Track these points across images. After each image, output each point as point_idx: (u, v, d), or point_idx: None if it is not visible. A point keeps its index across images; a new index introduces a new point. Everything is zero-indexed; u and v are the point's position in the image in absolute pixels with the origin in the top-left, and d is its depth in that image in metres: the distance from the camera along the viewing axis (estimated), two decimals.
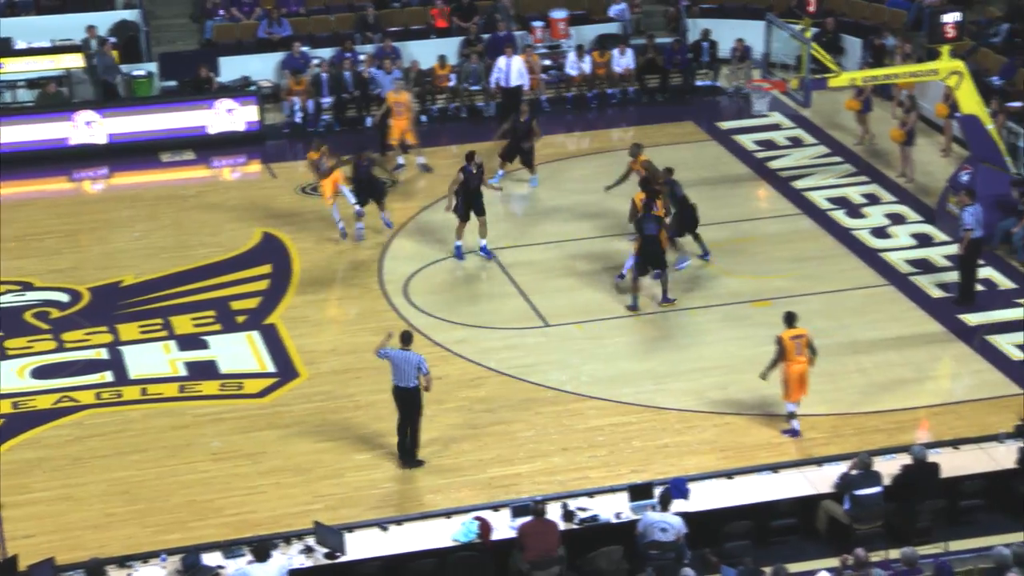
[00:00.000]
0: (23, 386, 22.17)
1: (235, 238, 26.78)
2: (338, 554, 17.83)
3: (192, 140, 30.84)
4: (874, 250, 26.04)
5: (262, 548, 17.27)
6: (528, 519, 17.86)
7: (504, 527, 18.19)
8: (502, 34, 32.97)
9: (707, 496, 18.85)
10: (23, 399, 21.86)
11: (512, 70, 31.09)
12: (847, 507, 18.52)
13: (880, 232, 26.70)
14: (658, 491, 18.42)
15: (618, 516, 18.49)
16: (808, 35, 26.82)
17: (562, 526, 18.11)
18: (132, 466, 20.29)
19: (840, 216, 27.34)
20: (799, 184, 28.68)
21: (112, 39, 32.18)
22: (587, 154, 30.52)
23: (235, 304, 24.44)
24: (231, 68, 32.32)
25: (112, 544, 18.47)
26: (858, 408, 21.42)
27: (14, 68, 31.53)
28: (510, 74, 31.09)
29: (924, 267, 25.42)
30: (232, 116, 30.99)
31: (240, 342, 23.37)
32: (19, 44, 31.89)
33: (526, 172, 28.60)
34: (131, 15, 33.31)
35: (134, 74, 31.90)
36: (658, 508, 18.05)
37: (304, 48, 32.49)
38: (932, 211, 27.16)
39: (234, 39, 33.52)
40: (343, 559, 17.82)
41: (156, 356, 22.97)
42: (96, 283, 25.20)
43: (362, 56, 32.21)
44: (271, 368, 22.68)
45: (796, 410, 20.65)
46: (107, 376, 22.45)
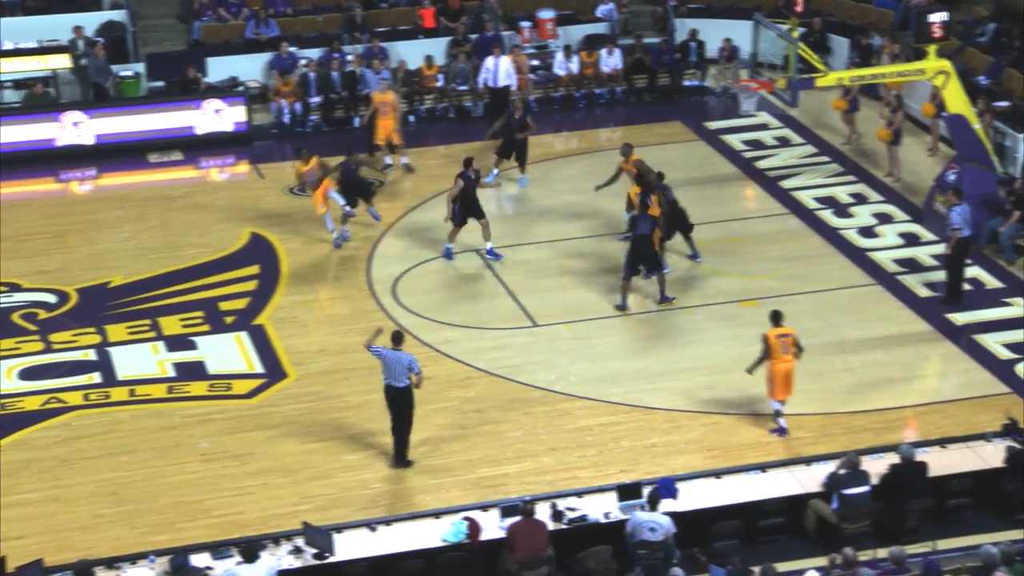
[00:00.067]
0: (11, 387, 22.12)
1: (223, 239, 26.76)
2: (327, 555, 17.83)
3: (180, 141, 30.80)
4: (861, 249, 26.09)
5: (251, 549, 17.28)
6: (517, 519, 17.88)
7: (493, 527, 18.20)
8: (490, 34, 32.97)
9: (695, 496, 18.87)
10: (11, 400, 21.82)
11: (500, 70, 31.09)
12: (835, 506, 18.55)
13: (867, 231, 26.75)
14: (647, 491, 18.44)
15: (607, 516, 18.51)
16: (795, 35, 26.87)
17: (551, 526, 18.12)
18: (120, 467, 20.27)
19: (828, 216, 27.38)
20: (787, 184, 28.72)
21: (99, 39, 32.13)
22: (575, 154, 30.53)
23: (223, 305, 24.42)
24: (219, 69, 32.28)
25: (100, 545, 18.46)
26: (846, 407, 21.46)
27: (0, 69, 31.44)
28: (498, 74, 31.09)
29: (911, 266, 25.46)
30: (220, 117, 30.96)
31: (228, 343, 23.35)
32: (5, 45, 31.78)
33: (516, 172, 28.59)
34: (118, 15, 33.23)
35: (121, 75, 31.85)
36: (647, 508, 18.07)
37: (292, 48, 32.46)
38: (919, 210, 27.22)
39: (222, 39, 33.48)
40: (332, 560, 17.81)
41: (144, 357, 22.94)
42: (84, 284, 25.16)
43: (350, 56, 32.20)
44: (259, 369, 22.67)
45: (782, 408, 20.70)
46: (95, 377, 22.42)
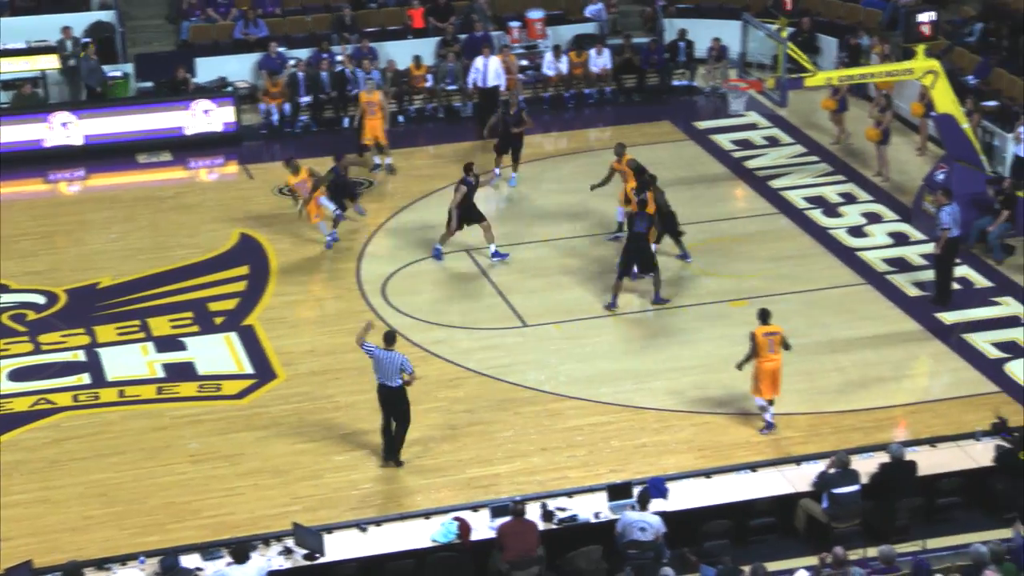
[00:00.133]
0: (0, 389, 22.07)
1: (212, 239, 26.73)
2: (317, 555, 17.82)
3: (169, 141, 30.77)
4: (851, 249, 26.12)
5: (241, 550, 17.27)
6: (507, 519, 17.88)
7: (483, 527, 18.20)
8: (479, 34, 32.96)
9: (686, 495, 18.87)
10: (0, 402, 21.76)
11: (489, 70, 31.07)
12: (825, 506, 18.57)
13: (857, 231, 26.78)
14: (637, 491, 18.46)
15: (597, 516, 18.51)
16: (784, 35, 26.89)
17: (541, 526, 18.12)
18: (110, 468, 20.24)
19: (817, 215, 27.41)
20: (776, 183, 28.75)
21: (87, 40, 32.08)
22: (565, 154, 30.52)
23: (213, 305, 24.39)
24: (207, 69, 32.24)
25: (90, 547, 18.43)
26: (836, 407, 21.49)
27: None
28: (487, 74, 31.08)
29: (901, 266, 25.50)
30: (209, 117, 30.93)
31: (218, 343, 23.33)
32: None
33: (507, 170, 28.54)
34: (107, 16, 33.17)
35: (110, 75, 31.80)
36: (637, 508, 18.09)
37: (281, 49, 32.42)
38: (908, 210, 27.26)
39: (210, 40, 33.43)
40: (322, 560, 17.80)
41: (134, 358, 22.91)
42: (73, 285, 25.12)
43: (339, 56, 32.18)
44: (249, 369, 22.65)
45: (765, 404, 20.73)
46: (84, 378, 22.38)
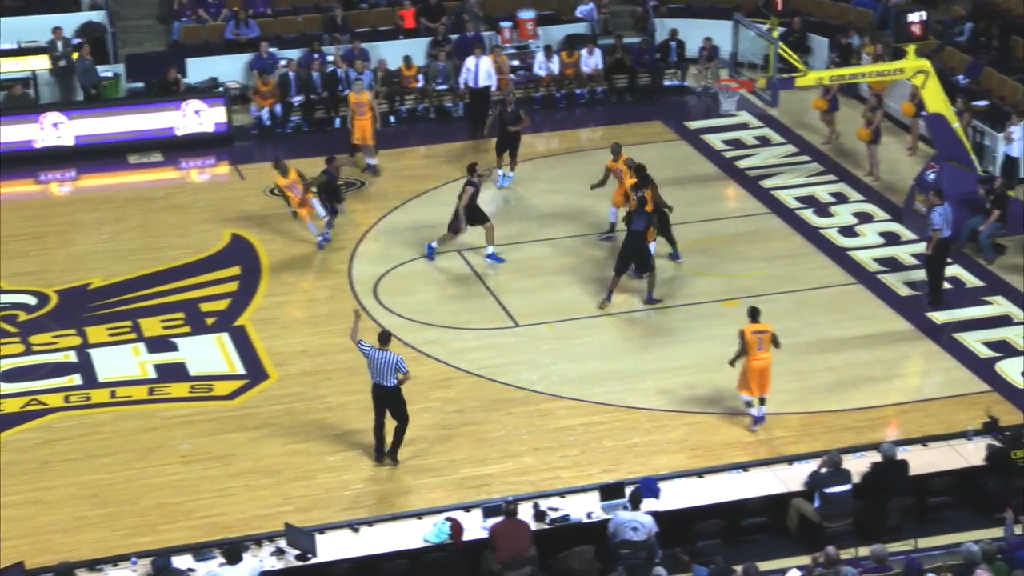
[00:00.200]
0: None
1: (204, 240, 26.70)
2: (309, 556, 17.80)
3: (160, 142, 30.75)
4: (842, 249, 26.14)
5: (233, 550, 17.26)
6: (499, 519, 17.87)
7: (476, 527, 18.19)
8: (470, 34, 32.96)
9: (678, 495, 18.88)
10: None
11: (481, 71, 31.08)
12: (817, 505, 18.58)
13: (848, 231, 26.81)
14: (629, 490, 18.46)
15: (589, 516, 18.51)
16: (775, 34, 26.90)
17: (534, 526, 18.12)
18: (101, 469, 20.22)
19: (808, 215, 27.43)
20: (767, 183, 28.77)
21: (77, 40, 32.05)
22: (556, 154, 30.53)
23: (204, 306, 24.37)
24: (198, 69, 32.22)
25: (82, 548, 18.40)
26: (827, 406, 21.50)
27: None
28: (478, 74, 31.08)
29: (892, 265, 25.52)
30: (200, 118, 30.91)
31: (209, 344, 23.31)
32: None
33: (505, 169, 28.51)
34: (97, 16, 33.15)
35: (101, 76, 31.75)
36: (629, 507, 18.08)
37: (272, 49, 32.39)
38: (899, 210, 27.28)
39: (201, 40, 33.40)
40: (314, 561, 17.78)
41: (125, 359, 22.88)
42: (64, 286, 25.09)
43: (330, 57, 32.16)
44: (241, 370, 22.63)
45: (751, 400, 20.77)
46: (76, 379, 22.36)
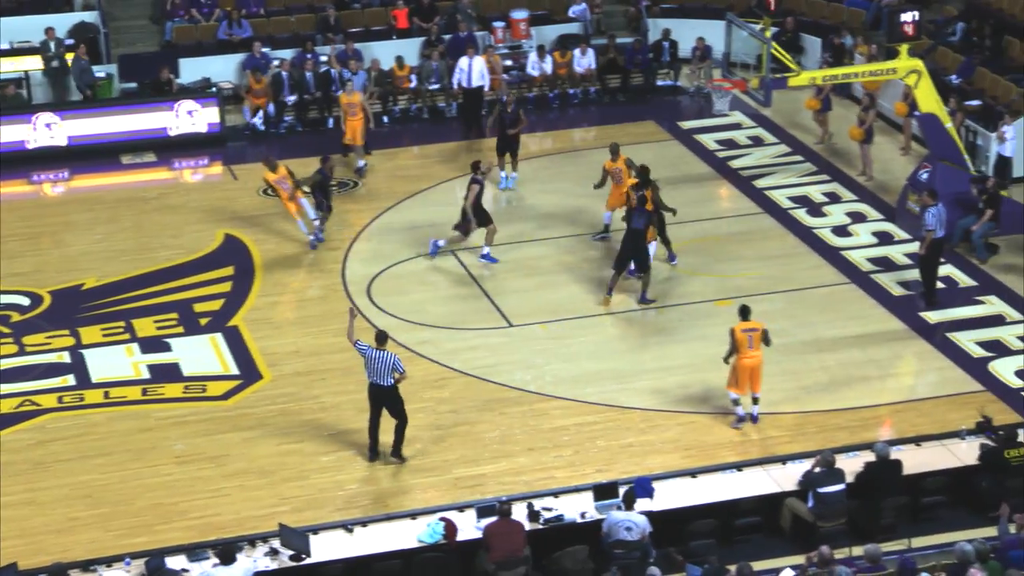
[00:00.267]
0: None
1: (197, 240, 26.69)
2: (303, 556, 17.80)
3: (153, 142, 30.73)
4: (835, 248, 26.17)
5: (227, 551, 17.26)
6: (493, 519, 17.88)
7: (470, 527, 18.20)
8: (463, 35, 32.96)
9: (671, 495, 18.89)
10: None
11: (474, 71, 31.07)
12: (811, 505, 18.60)
13: (841, 230, 26.83)
14: (623, 490, 18.47)
15: (583, 516, 18.52)
16: (768, 34, 26.94)
17: (527, 526, 18.12)
18: (95, 470, 20.20)
19: (801, 215, 27.45)
20: (760, 183, 28.79)
21: (70, 41, 32.04)
22: (549, 154, 30.53)
23: (198, 306, 24.36)
24: (191, 70, 32.21)
25: (75, 548, 18.39)
26: (821, 406, 21.52)
27: None
28: (471, 74, 31.07)
29: (885, 265, 25.55)
30: (193, 118, 30.89)
31: (203, 344, 23.30)
32: None
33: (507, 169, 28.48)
34: (90, 17, 33.13)
35: (94, 76, 31.74)
36: (623, 507, 18.09)
37: (265, 49, 32.39)
38: (892, 209, 27.32)
39: (194, 40, 33.39)
40: (308, 561, 17.78)
41: (119, 359, 22.87)
42: (57, 286, 25.07)
43: (323, 57, 32.16)
44: (234, 370, 22.62)
45: (737, 398, 20.81)
46: (69, 380, 22.34)
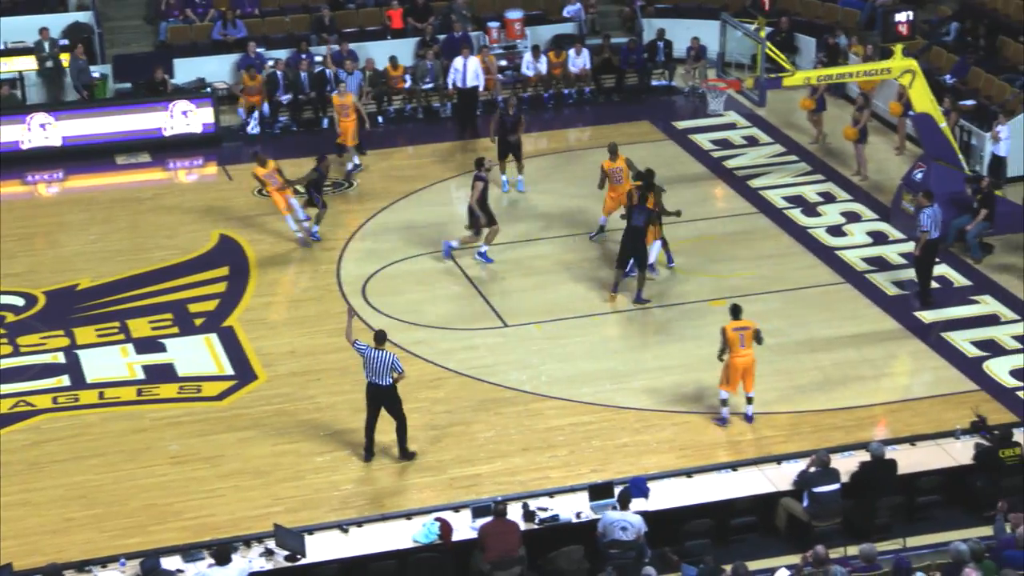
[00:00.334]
0: None
1: (192, 240, 26.68)
2: (299, 556, 17.79)
3: (147, 142, 30.72)
4: (830, 248, 26.19)
5: (222, 551, 17.24)
6: (489, 519, 17.88)
7: (465, 528, 18.19)
8: (458, 35, 32.97)
9: (667, 495, 18.90)
10: None
11: (468, 71, 31.07)
12: (806, 504, 18.60)
13: (836, 230, 26.85)
14: (618, 490, 18.47)
15: (578, 516, 18.52)
16: (762, 34, 26.94)
17: (523, 526, 18.13)
18: (90, 470, 20.19)
19: (796, 214, 27.47)
20: (755, 183, 28.80)
21: (64, 41, 32.03)
22: (544, 154, 30.51)
23: (192, 307, 24.35)
24: (186, 70, 32.20)
25: (70, 549, 18.37)
26: (816, 405, 21.53)
27: None
28: (466, 75, 31.07)
29: (880, 265, 25.57)
30: (187, 118, 30.88)
31: (198, 345, 23.29)
32: None
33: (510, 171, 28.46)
34: (84, 17, 33.13)
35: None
36: (618, 507, 18.09)
37: (260, 49, 32.37)
38: (887, 209, 27.34)
39: (189, 41, 33.38)
40: (304, 561, 17.77)
41: (113, 359, 22.85)
42: (52, 287, 25.05)
43: (318, 57, 32.15)
44: (229, 371, 22.61)
45: (727, 397, 20.84)
46: (64, 380, 22.32)
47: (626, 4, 35.58)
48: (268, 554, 17.85)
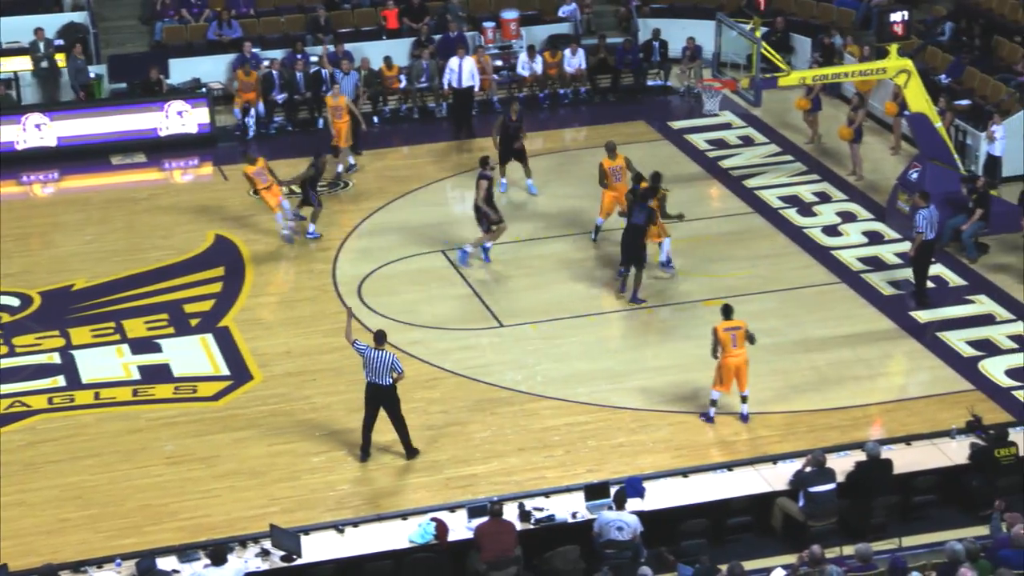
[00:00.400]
0: None
1: (187, 241, 26.66)
2: (294, 557, 17.79)
3: (143, 143, 30.69)
4: (826, 248, 26.20)
5: (218, 552, 17.26)
6: (484, 519, 17.88)
7: (461, 528, 18.20)
8: (453, 35, 32.96)
9: (663, 495, 18.90)
10: None
11: (464, 71, 31.05)
12: (802, 504, 18.61)
13: (831, 230, 26.86)
14: (614, 490, 18.47)
15: (574, 516, 18.52)
16: (758, 34, 26.93)
17: (519, 526, 18.13)
18: (85, 471, 20.18)
19: (792, 214, 27.48)
20: (751, 183, 28.81)
21: (59, 41, 32.00)
22: (540, 154, 30.43)
23: (188, 307, 24.33)
24: (181, 70, 32.16)
25: (66, 550, 18.36)
26: (811, 405, 21.55)
27: None
28: (462, 75, 31.05)
29: (875, 265, 25.58)
30: (183, 119, 30.85)
31: (193, 345, 23.28)
32: None
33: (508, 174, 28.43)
34: (79, 17, 33.08)
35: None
36: (614, 507, 18.10)
37: (255, 49, 32.34)
38: (882, 209, 27.35)
39: (184, 41, 33.34)
40: (299, 562, 17.77)
41: (109, 360, 22.84)
42: (47, 287, 25.03)
43: (314, 57, 32.13)
44: (225, 371, 22.60)
45: (717, 398, 20.87)
46: (59, 380, 22.30)
47: (621, 4, 35.57)
48: (264, 554, 17.85)
